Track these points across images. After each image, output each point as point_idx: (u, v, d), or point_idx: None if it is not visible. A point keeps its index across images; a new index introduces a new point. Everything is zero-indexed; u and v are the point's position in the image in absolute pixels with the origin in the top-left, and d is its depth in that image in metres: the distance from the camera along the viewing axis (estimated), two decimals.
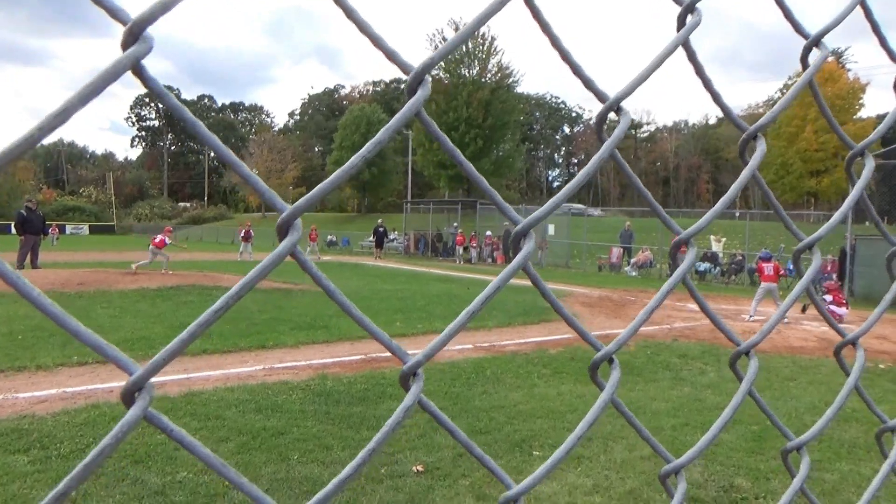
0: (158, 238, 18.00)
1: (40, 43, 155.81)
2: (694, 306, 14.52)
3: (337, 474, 0.53)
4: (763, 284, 12.57)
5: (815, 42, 0.79)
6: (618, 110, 0.67)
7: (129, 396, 0.47)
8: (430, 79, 0.57)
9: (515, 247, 0.63)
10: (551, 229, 27.81)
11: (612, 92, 0.67)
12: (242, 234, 29.26)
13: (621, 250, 25.36)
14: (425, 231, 34.19)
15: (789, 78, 60.93)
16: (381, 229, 32.32)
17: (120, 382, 6.29)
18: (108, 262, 21.98)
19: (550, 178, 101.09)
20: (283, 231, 0.52)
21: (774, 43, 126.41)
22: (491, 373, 7.06)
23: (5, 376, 6.39)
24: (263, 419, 5.20)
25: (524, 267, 0.63)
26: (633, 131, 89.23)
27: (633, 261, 24.25)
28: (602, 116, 0.67)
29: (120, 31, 0.44)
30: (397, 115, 0.57)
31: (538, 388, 6.54)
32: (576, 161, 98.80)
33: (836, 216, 0.85)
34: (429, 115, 0.59)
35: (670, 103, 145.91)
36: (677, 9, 0.70)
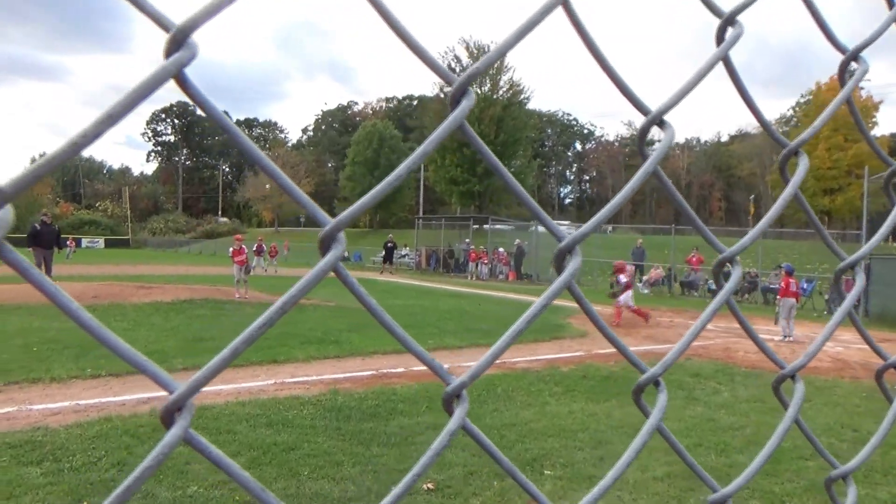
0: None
1: (56, 58, 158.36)
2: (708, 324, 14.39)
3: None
4: (784, 300, 12.30)
5: (854, 56, 0.77)
6: (661, 123, 0.65)
7: (168, 416, 0.45)
8: (473, 94, 0.56)
9: (559, 264, 0.62)
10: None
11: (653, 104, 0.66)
12: (255, 249, 29.50)
13: (633, 268, 25.24)
14: (437, 247, 34.23)
15: (802, 95, 60.80)
16: (389, 244, 32.38)
17: (132, 396, 6.34)
18: (123, 275, 22.16)
19: (562, 194, 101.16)
20: (325, 245, 0.51)
21: (787, 59, 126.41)
22: (502, 390, 7.02)
23: (20, 388, 6.43)
24: (274, 434, 5.20)
25: (569, 286, 0.61)
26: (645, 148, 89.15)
27: (645, 278, 24.12)
28: (644, 130, 0.65)
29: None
30: (442, 126, 0.55)
31: (550, 407, 6.49)
32: (587, 178, 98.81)
33: (881, 233, 0.83)
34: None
35: (682, 120, 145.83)
36: (710, 21, 0.68)
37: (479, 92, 49.98)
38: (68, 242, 41.33)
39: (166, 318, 11.68)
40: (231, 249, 16.19)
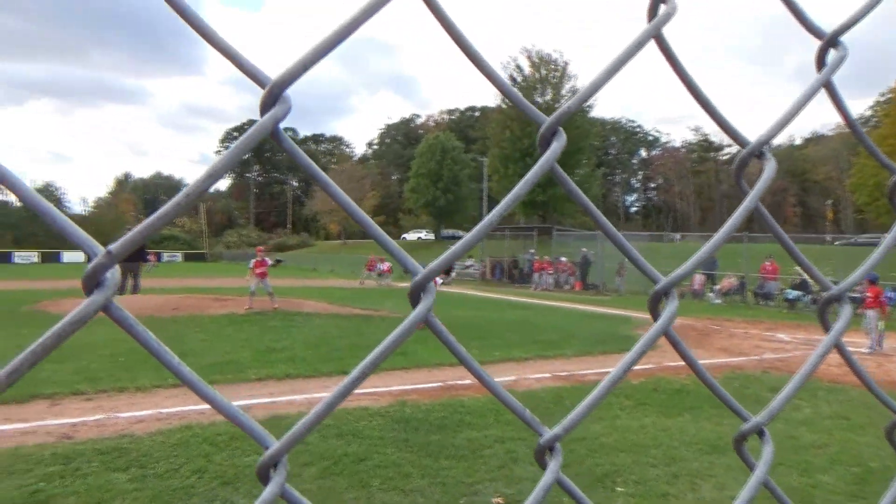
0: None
1: (137, 82, 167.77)
2: (784, 335, 13.75)
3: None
4: (870, 311, 11.58)
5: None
6: (760, 155, 0.62)
7: (265, 471, 0.46)
8: (564, 133, 0.55)
9: (654, 308, 0.58)
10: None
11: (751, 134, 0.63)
12: (367, 265, 30.38)
13: (704, 277, 24.40)
14: (501, 257, 34.12)
15: (881, 94, 57.41)
16: None
17: None
18: (200, 287, 23.09)
19: (628, 202, 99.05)
20: (416, 295, 0.50)
21: (864, 56, 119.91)
22: (570, 403, 6.90)
23: (108, 396, 6.78)
24: (345, 445, 5.28)
25: (666, 332, 0.59)
26: (712, 154, 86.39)
27: (717, 288, 23.27)
28: (743, 163, 0.62)
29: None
30: (534, 169, 0.54)
31: (620, 420, 6.33)
32: (653, 185, 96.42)
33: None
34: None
35: (751, 124, 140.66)
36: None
37: (542, 101, 49.74)
38: (149, 257, 43.46)
39: (240, 329, 12.08)
40: (253, 262, 15.95)
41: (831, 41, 0.63)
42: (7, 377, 0.36)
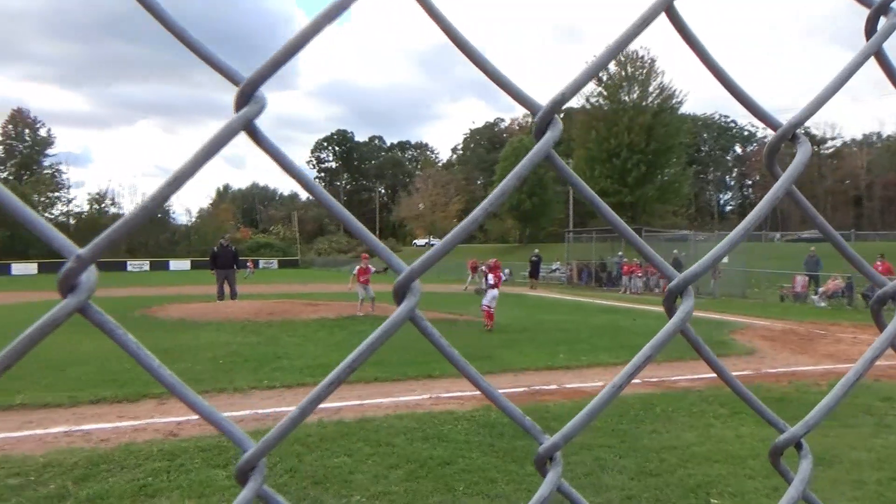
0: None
1: (234, 98, 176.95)
2: None
3: None
4: None
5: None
6: (793, 138, 0.56)
7: (242, 475, 0.46)
8: (560, 122, 0.51)
9: (670, 306, 0.54)
10: (724, 257, 25.93)
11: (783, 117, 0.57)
12: (470, 266, 30.44)
13: (806, 279, 22.96)
14: (588, 260, 33.49)
15: None
16: (535, 259, 32.18)
17: None
18: (293, 293, 23.99)
19: (722, 201, 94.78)
20: (400, 295, 0.49)
21: None
22: (661, 410, 6.67)
23: (209, 396, 7.17)
24: (430, 448, 5.33)
25: (682, 330, 0.54)
26: (816, 147, 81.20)
27: (821, 290, 21.84)
28: (774, 147, 0.57)
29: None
30: (523, 162, 0.50)
31: (714, 429, 6.06)
32: (749, 182, 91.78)
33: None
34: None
35: (858, 113, 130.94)
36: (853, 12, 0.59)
37: (628, 100, 48.54)
38: (248, 264, 45.68)
39: (331, 333, 12.46)
40: (357, 268, 16.15)
41: (882, 8, 0.58)
42: None
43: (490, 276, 13.62)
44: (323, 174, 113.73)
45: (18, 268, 55.48)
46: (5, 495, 4.29)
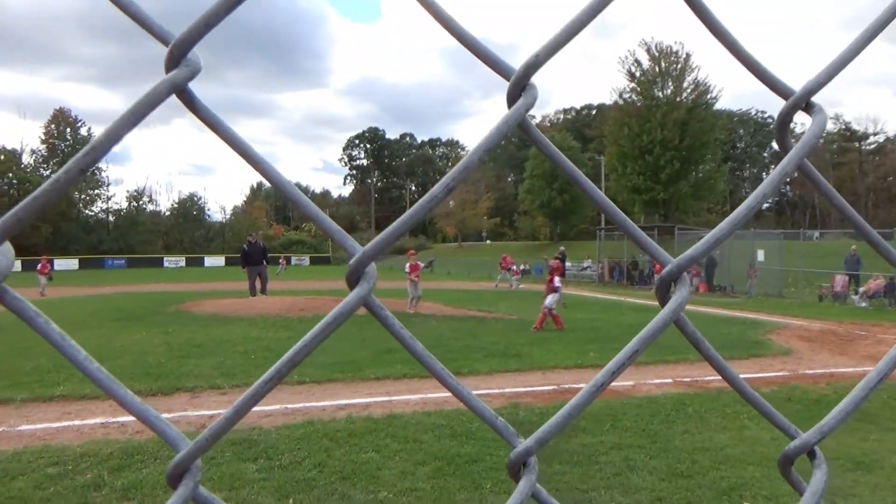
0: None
1: (267, 97, 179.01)
2: None
3: None
4: None
5: None
6: (808, 107, 0.51)
7: (174, 479, 0.43)
8: (536, 86, 0.46)
9: (663, 296, 0.50)
10: (761, 255, 25.38)
11: (797, 84, 0.51)
12: (501, 264, 30.48)
13: (847, 278, 22.37)
14: (620, 258, 33.15)
15: None
16: (559, 256, 31.97)
17: (331, 402, 6.87)
18: (324, 290, 24.22)
19: None
20: (353, 281, 0.45)
21: None
22: (693, 411, 6.58)
23: (240, 391, 7.24)
24: (458, 445, 5.33)
25: (677, 320, 0.50)
26: (856, 144, 78.97)
27: (862, 290, 21.25)
28: (785, 118, 0.51)
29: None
30: (491, 131, 0.45)
31: (749, 431, 5.95)
32: (787, 180, 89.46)
33: None
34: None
35: None
36: None
37: (662, 96, 47.83)
38: (280, 260, 46.24)
39: (360, 329, 12.54)
40: (409, 265, 16.21)
41: None
42: None
43: (556, 278, 13.31)
44: (354, 172, 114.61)
45: (60, 263, 56.97)
46: (45, 483, 4.42)
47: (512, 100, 0.46)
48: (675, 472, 4.78)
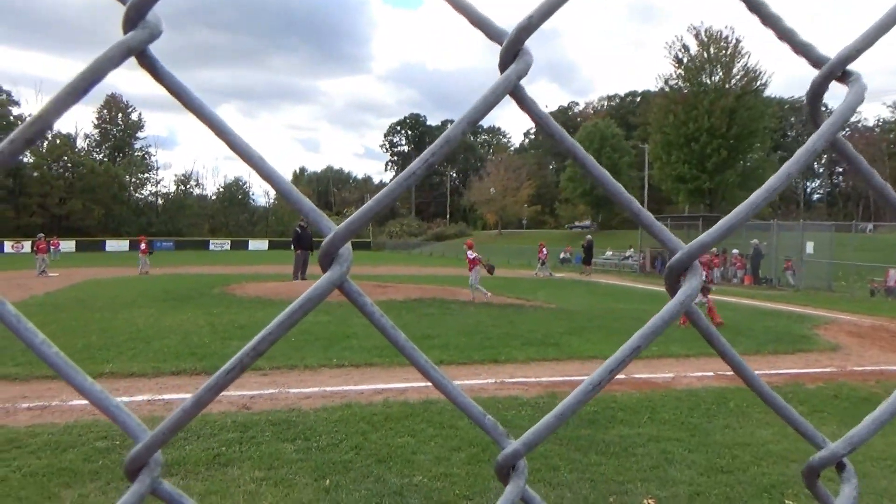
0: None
1: (310, 83, 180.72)
2: None
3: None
4: None
5: None
6: (843, 76, 0.45)
7: (131, 475, 0.39)
8: (531, 52, 0.43)
9: (672, 286, 0.47)
10: (810, 247, 24.59)
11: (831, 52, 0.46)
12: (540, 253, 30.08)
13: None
14: (662, 249, 32.52)
15: None
16: (586, 244, 31.53)
17: (369, 386, 6.96)
18: (363, 275, 24.49)
19: (809, 189, 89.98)
20: (326, 263, 0.42)
21: None
22: (735, 405, 6.45)
23: (281, 373, 7.43)
24: None
25: (688, 312, 0.46)
26: None
27: None
28: (818, 88, 0.46)
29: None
30: (478, 100, 0.43)
31: (792, 428, 5.80)
32: (840, 170, 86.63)
33: None
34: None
35: None
36: None
37: (710, 82, 46.56)
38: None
39: (398, 315, 12.64)
40: (474, 255, 16.00)
41: None
42: None
43: (704, 273, 12.94)
44: (395, 158, 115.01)
45: (112, 244, 58.86)
46: (94, 456, 4.60)
47: (504, 66, 0.43)
48: (714, 466, 4.71)
